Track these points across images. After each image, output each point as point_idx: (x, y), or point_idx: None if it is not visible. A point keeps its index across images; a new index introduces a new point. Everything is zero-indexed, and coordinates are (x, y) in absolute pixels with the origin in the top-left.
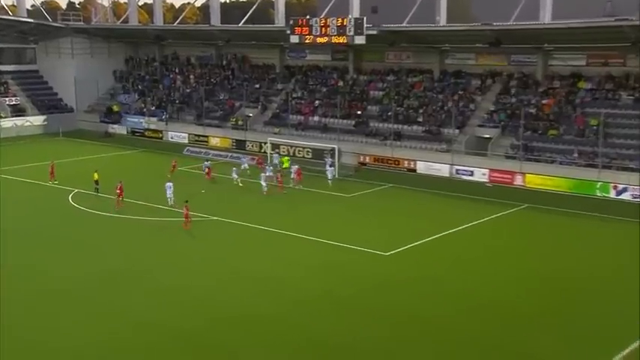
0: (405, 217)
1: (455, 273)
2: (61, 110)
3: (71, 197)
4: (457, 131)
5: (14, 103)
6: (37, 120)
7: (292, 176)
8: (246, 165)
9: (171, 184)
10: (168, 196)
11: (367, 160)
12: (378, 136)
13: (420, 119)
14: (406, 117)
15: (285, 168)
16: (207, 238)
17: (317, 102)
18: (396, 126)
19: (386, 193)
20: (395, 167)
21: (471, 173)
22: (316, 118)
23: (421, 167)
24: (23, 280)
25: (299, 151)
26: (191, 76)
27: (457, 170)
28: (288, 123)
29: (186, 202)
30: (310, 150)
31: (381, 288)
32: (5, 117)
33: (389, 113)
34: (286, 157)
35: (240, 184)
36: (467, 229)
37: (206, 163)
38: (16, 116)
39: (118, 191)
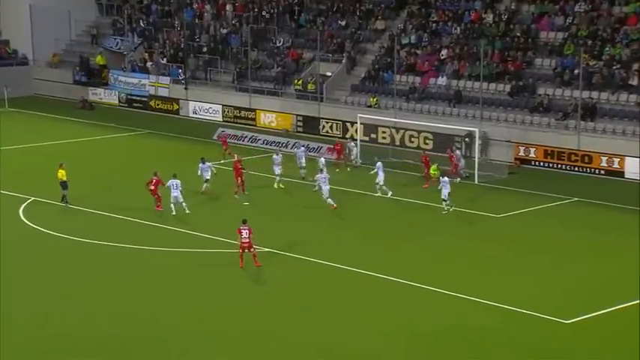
0: (599, 259)
1: None
2: (7, 62)
3: (23, 210)
4: None
5: None
6: None
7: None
8: (323, 160)
9: (178, 181)
10: (173, 199)
11: (532, 153)
12: (553, 113)
13: (635, 82)
14: (607, 79)
15: (435, 176)
16: (266, 285)
17: (444, 52)
18: (586, 94)
19: (566, 212)
20: (584, 167)
21: None
22: (442, 81)
23: (633, 168)
24: None
25: (411, 137)
26: (228, 7)
27: None
28: (392, 89)
29: (245, 221)
30: (431, 136)
31: None
32: None
33: (575, 72)
34: (435, 166)
35: (282, 186)
36: None
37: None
38: None
39: (152, 187)
